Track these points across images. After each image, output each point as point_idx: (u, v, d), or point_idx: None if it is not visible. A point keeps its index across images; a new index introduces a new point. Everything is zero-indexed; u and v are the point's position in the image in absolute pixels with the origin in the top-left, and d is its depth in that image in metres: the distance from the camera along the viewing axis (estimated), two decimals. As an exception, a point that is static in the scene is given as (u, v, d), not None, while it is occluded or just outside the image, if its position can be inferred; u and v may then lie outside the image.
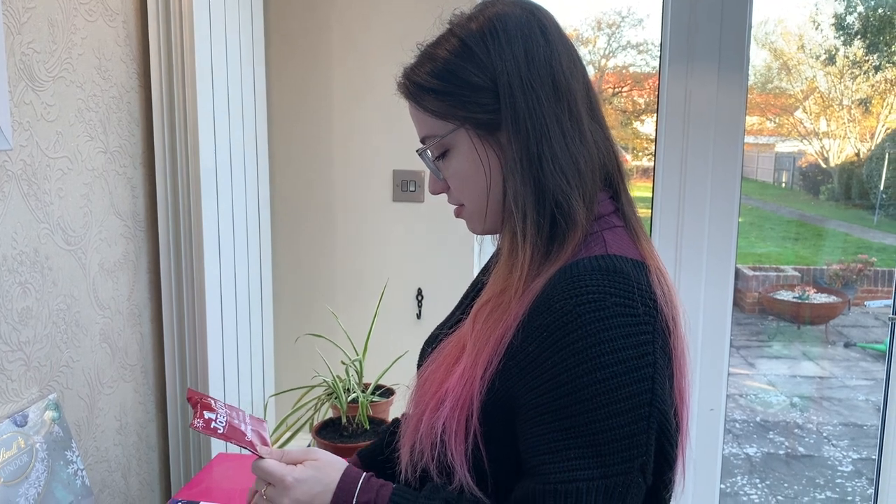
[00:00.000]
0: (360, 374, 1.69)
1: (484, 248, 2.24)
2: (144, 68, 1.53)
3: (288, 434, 1.75)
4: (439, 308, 2.15)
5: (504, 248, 0.90)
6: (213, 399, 0.99)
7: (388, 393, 1.73)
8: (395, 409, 1.71)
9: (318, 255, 2.16)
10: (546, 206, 0.87)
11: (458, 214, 0.98)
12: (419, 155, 0.97)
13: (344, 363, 1.70)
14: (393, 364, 1.76)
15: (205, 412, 0.93)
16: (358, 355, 1.71)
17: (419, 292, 2.15)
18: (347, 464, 0.92)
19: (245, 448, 0.92)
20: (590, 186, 0.89)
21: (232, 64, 1.69)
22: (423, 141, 0.95)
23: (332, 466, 0.90)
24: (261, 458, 0.91)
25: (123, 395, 1.51)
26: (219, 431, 0.91)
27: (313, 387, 1.71)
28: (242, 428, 0.96)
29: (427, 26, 2.16)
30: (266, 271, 1.93)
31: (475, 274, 2.15)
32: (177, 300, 1.60)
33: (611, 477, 0.79)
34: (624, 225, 0.93)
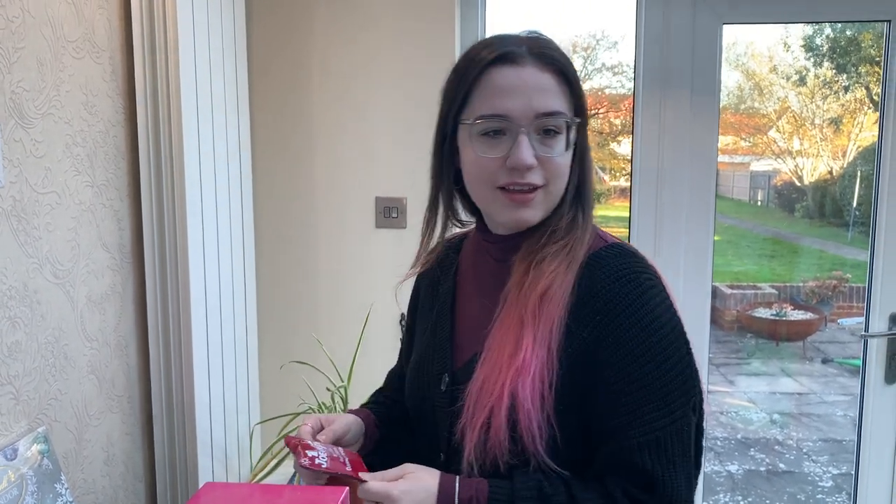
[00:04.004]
0: (344, 401, 1.71)
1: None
2: (130, 103, 1.55)
3: (274, 462, 1.77)
4: (423, 333, 2.18)
5: (554, 239, 0.99)
6: (309, 441, 1.05)
7: (373, 418, 1.75)
8: (381, 434, 1.73)
9: (302, 283, 2.19)
10: (590, 203, 1.03)
11: (525, 201, 0.98)
12: (554, 115, 0.97)
13: (329, 389, 1.72)
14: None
15: (307, 451, 1.00)
16: (343, 381, 1.73)
17: (402, 317, 2.17)
18: (439, 471, 0.98)
19: (350, 477, 0.99)
20: None
21: (216, 95, 1.72)
22: (550, 114, 0.96)
23: (428, 473, 0.98)
24: (363, 482, 0.97)
25: (110, 425, 1.52)
26: (323, 466, 0.98)
27: (299, 414, 1.73)
28: (342, 460, 1.03)
29: (407, 52, 2.21)
30: (251, 300, 1.95)
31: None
32: (163, 330, 1.61)
33: (677, 420, 0.93)
34: None
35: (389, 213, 2.15)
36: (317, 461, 0.98)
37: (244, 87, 1.91)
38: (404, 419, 1.19)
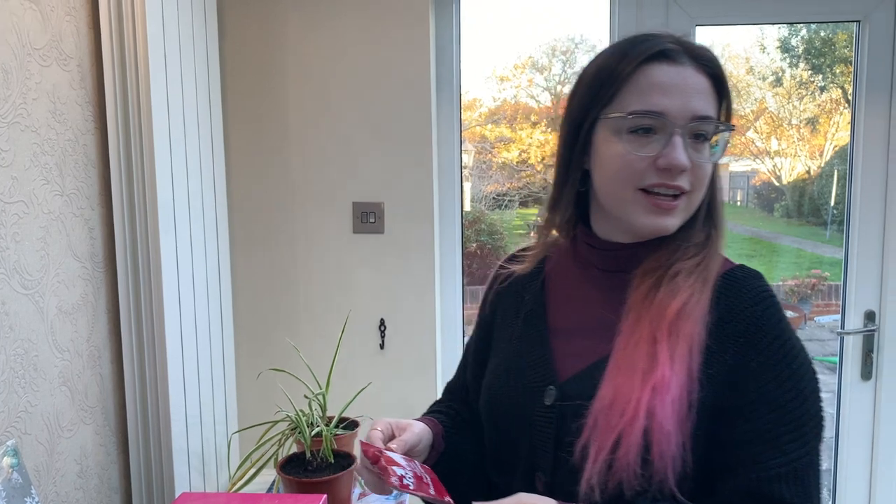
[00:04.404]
0: (323, 408, 1.69)
1: (443, 278, 2.27)
2: (100, 110, 1.54)
3: (252, 470, 1.75)
4: (402, 338, 2.17)
5: (688, 254, 0.96)
6: (385, 449, 0.97)
7: (352, 425, 1.74)
8: (359, 441, 1.72)
9: (279, 289, 2.17)
10: (722, 218, 1.00)
11: (669, 208, 0.94)
12: (708, 120, 0.93)
13: (307, 397, 1.71)
14: (356, 396, 1.77)
15: (394, 468, 0.93)
16: (321, 388, 1.72)
17: (382, 323, 2.17)
18: (554, 500, 0.90)
19: (439, 501, 0.93)
20: None
21: (188, 101, 1.71)
22: (705, 118, 0.93)
23: (545, 501, 0.90)
24: None
25: (84, 437, 1.50)
26: (410, 488, 0.92)
27: (277, 422, 1.71)
28: (425, 480, 0.96)
29: (383, 56, 2.20)
30: (226, 307, 1.93)
31: (438, 303, 2.18)
32: (136, 339, 1.59)
33: (811, 451, 0.89)
34: None
35: (367, 218, 2.14)
36: (405, 481, 0.92)
37: (217, 93, 1.89)
38: (470, 431, 1.13)
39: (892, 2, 2.05)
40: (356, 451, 1.67)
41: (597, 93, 0.96)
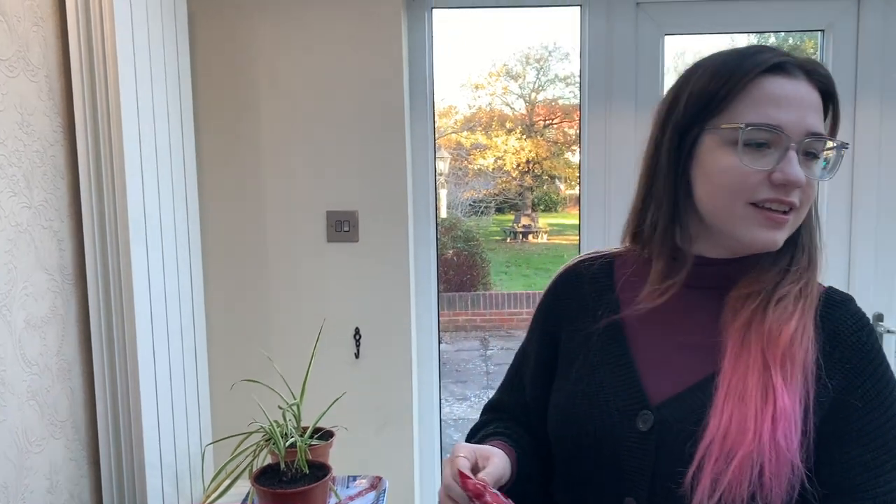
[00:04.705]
0: (297, 418, 1.68)
1: (418, 285, 2.27)
2: (69, 121, 1.52)
3: (227, 482, 1.74)
4: (378, 347, 2.17)
5: (794, 278, 0.94)
6: (487, 484, 0.90)
7: (327, 435, 1.73)
8: (335, 451, 1.71)
9: (253, 300, 2.16)
10: (819, 238, 0.99)
11: (782, 222, 0.91)
12: (820, 137, 0.92)
13: (281, 408, 1.70)
14: (331, 406, 1.76)
15: None
16: (295, 399, 1.71)
17: (357, 332, 2.16)
18: None
19: None
20: None
21: (159, 110, 1.70)
22: (818, 135, 0.92)
23: None
24: None
25: (53, 452, 1.48)
26: None
27: (251, 433, 1.70)
28: None
29: (356, 64, 2.20)
30: (199, 318, 1.92)
31: (413, 311, 2.19)
32: (108, 352, 1.58)
33: None
34: None
35: (341, 226, 2.14)
36: None
37: (188, 102, 1.88)
38: (535, 454, 1.08)
39: (854, 12, 2.10)
40: (331, 461, 1.67)
41: (708, 101, 0.92)
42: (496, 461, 0.94)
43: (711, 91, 0.92)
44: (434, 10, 2.22)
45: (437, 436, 2.36)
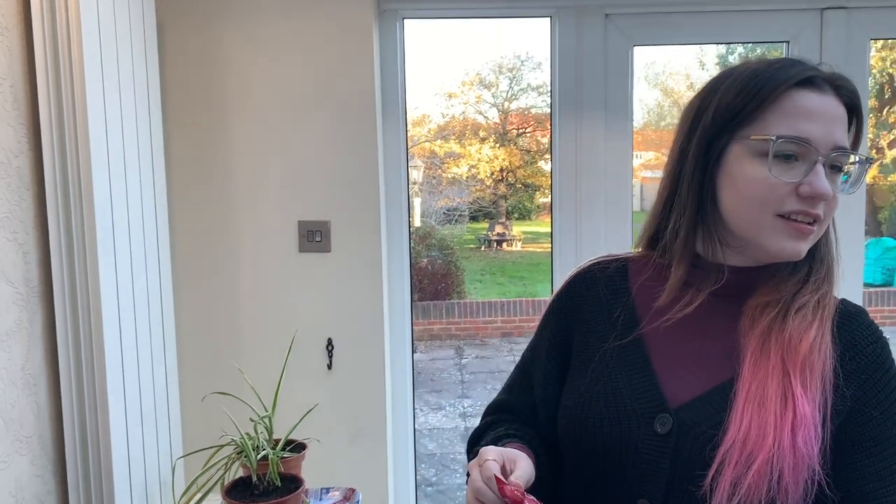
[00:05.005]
0: (269, 431, 1.67)
1: (392, 295, 2.26)
2: (34, 131, 1.50)
3: (198, 496, 1.72)
4: (350, 358, 2.16)
5: (813, 288, 0.97)
6: (523, 490, 0.89)
7: (299, 448, 1.72)
8: (308, 463, 1.70)
9: (223, 311, 2.14)
10: (836, 249, 1.01)
11: (808, 232, 0.93)
12: (846, 151, 0.94)
13: (253, 420, 1.68)
14: (303, 418, 1.75)
15: None
16: (267, 411, 1.70)
17: (329, 342, 2.15)
18: None
19: None
20: None
21: (127, 120, 1.68)
22: (844, 149, 0.94)
23: None
24: None
25: (19, 469, 1.45)
26: None
27: (222, 446, 1.68)
28: None
29: (328, 74, 2.21)
30: (169, 330, 1.90)
31: (386, 321, 2.18)
32: (75, 365, 1.55)
33: None
34: None
35: (313, 236, 2.13)
36: None
37: (157, 111, 1.87)
38: (547, 456, 1.08)
39: (817, 25, 2.14)
40: (303, 474, 1.66)
41: (738, 111, 0.94)
42: (523, 464, 0.94)
43: (742, 101, 0.94)
44: (406, 21, 2.23)
45: (410, 446, 2.35)
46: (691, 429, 0.93)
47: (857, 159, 0.96)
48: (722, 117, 0.95)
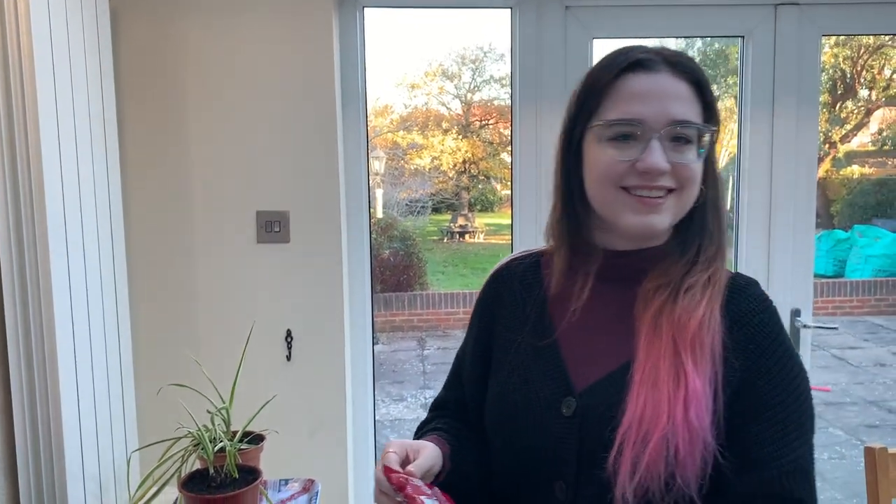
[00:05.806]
0: (227, 423, 1.66)
1: (352, 286, 2.26)
2: (-19, 118, 1.46)
3: (154, 489, 1.70)
4: (310, 349, 2.15)
5: (702, 268, 1.00)
6: (410, 477, 0.94)
7: (257, 439, 1.71)
8: (266, 455, 1.69)
9: (180, 302, 2.12)
10: (725, 227, 1.04)
11: (654, 205, 0.97)
12: (686, 124, 0.97)
13: (210, 412, 1.67)
14: (261, 409, 1.74)
15: (423, 498, 0.90)
16: (224, 403, 1.68)
17: (288, 333, 2.14)
18: None
19: None
20: None
21: (80, 110, 1.64)
22: (683, 122, 0.97)
23: None
24: None
25: (-33, 464, 1.42)
26: None
27: (178, 438, 1.66)
28: None
29: (286, 64, 2.18)
30: (124, 322, 1.86)
31: (346, 312, 2.17)
32: (25, 358, 1.52)
33: (811, 448, 0.97)
34: None
35: (272, 227, 2.11)
36: None
37: (111, 102, 1.83)
38: (473, 448, 1.11)
39: (772, 20, 2.18)
40: (262, 465, 1.65)
41: (583, 104, 1.02)
42: (426, 453, 1.00)
43: (585, 93, 1.02)
44: (366, 10, 2.21)
45: (371, 437, 2.35)
46: (593, 410, 0.98)
47: (700, 129, 0.98)
48: (574, 110, 1.04)
